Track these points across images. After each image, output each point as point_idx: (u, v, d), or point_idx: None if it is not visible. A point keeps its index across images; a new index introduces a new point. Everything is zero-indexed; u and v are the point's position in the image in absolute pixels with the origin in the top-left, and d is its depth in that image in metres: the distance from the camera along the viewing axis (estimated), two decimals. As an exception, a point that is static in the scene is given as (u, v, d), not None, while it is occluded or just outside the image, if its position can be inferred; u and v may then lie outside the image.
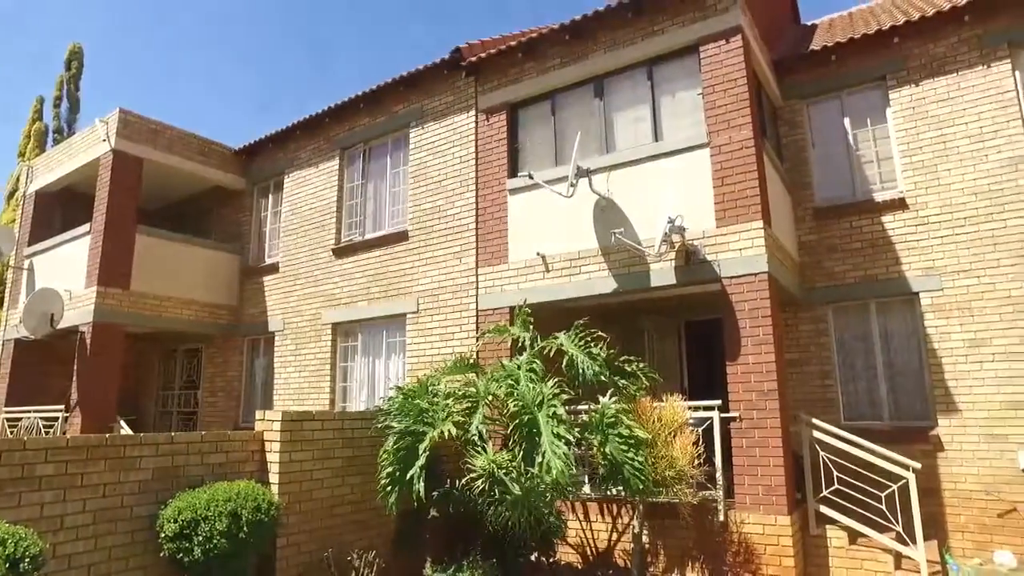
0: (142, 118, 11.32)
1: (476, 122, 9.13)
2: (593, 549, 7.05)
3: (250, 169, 12.53)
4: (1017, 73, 7.84)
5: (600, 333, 6.16)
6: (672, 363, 9.44)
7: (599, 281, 7.48)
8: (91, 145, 11.37)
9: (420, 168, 9.71)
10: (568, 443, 5.16)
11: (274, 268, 11.53)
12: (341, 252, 10.46)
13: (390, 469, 5.45)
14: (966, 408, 7.56)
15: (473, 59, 9.07)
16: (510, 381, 5.71)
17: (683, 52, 7.61)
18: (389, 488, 5.42)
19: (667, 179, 7.15)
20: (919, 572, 6.02)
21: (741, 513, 6.40)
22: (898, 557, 6.22)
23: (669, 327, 9.56)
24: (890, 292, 8.17)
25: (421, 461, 5.33)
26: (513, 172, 8.59)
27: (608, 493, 6.44)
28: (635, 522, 6.44)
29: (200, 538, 4.48)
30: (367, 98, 10.35)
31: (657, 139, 7.57)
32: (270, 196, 12.25)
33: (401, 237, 9.69)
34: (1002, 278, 7.52)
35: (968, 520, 7.41)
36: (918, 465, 6.30)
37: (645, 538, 6.64)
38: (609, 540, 6.94)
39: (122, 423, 10.27)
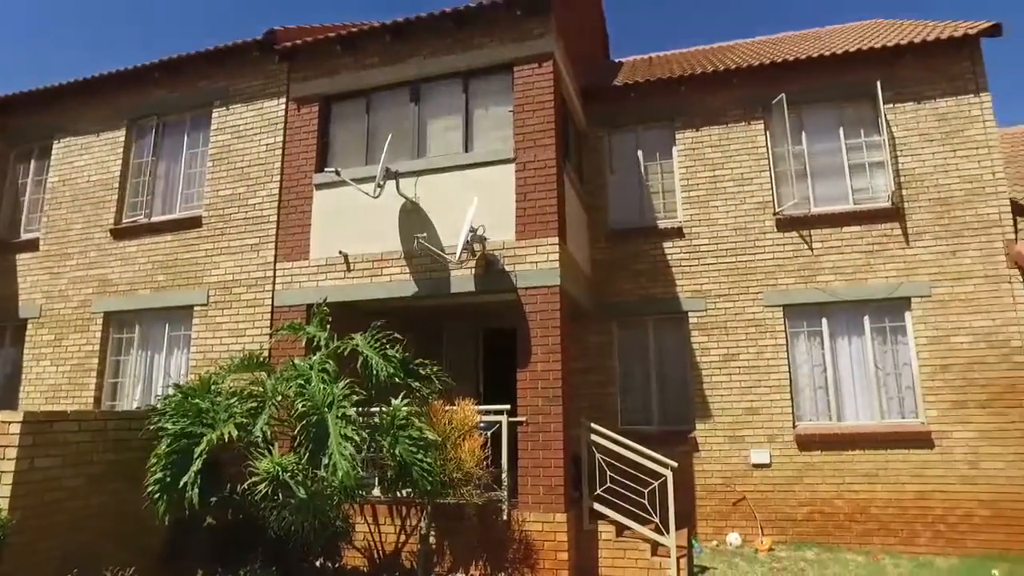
0: None
1: (286, 110, 8.73)
2: (381, 552, 7.02)
3: (6, 129, 10.73)
4: (768, 132, 9.30)
5: (398, 335, 6.18)
6: (469, 368, 9.74)
7: (401, 284, 7.51)
8: None
9: (222, 151, 9.05)
10: (356, 444, 5.11)
11: (32, 245, 9.97)
12: (122, 233, 9.38)
13: (160, 475, 4.99)
14: (717, 414, 8.73)
15: (288, 45, 8.67)
16: (301, 381, 5.52)
17: (499, 69, 7.91)
18: (158, 496, 4.96)
19: (473, 189, 7.37)
20: (669, 556, 6.81)
21: (524, 512, 6.76)
22: (655, 545, 6.97)
23: (468, 333, 9.85)
24: (666, 310, 9.19)
25: (196, 466, 4.95)
26: (321, 166, 8.33)
27: (398, 495, 6.47)
28: (423, 523, 6.54)
29: None
30: (164, 68, 9.41)
31: (467, 149, 7.80)
32: (32, 162, 10.58)
33: (194, 223, 8.94)
34: (750, 303, 8.87)
35: (712, 509, 8.56)
36: (675, 464, 7.15)
37: (432, 539, 6.76)
38: (397, 542, 6.96)
39: None
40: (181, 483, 4.91)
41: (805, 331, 8.84)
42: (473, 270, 7.26)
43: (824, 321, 8.78)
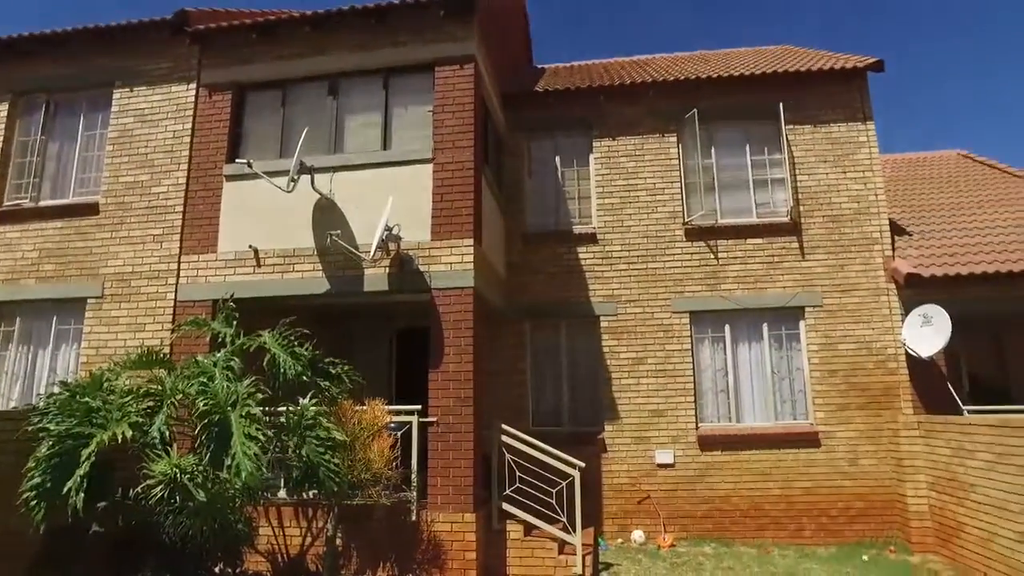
0: None
1: (197, 96, 8.35)
2: (285, 555, 6.84)
3: None
4: (680, 145, 9.71)
5: (308, 333, 6.04)
6: (382, 368, 9.64)
7: (313, 281, 7.35)
8: None
9: (124, 135, 8.55)
10: (262, 444, 4.96)
11: None
12: (4, 217, 8.69)
13: (39, 480, 4.63)
14: (625, 415, 9.03)
15: (201, 28, 8.29)
16: (203, 379, 5.30)
17: (420, 68, 7.88)
18: (36, 503, 4.61)
19: (390, 188, 7.31)
20: (575, 554, 6.99)
21: (433, 512, 6.76)
22: (562, 544, 7.13)
23: (381, 333, 9.75)
24: (578, 314, 9.41)
25: (83, 469, 4.62)
26: (233, 157, 8.02)
27: (304, 497, 6.32)
28: (330, 525, 6.42)
29: None
30: (53, 41, 8.74)
31: (386, 147, 7.72)
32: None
33: (91, 209, 8.39)
34: (658, 308, 9.23)
35: (618, 508, 8.84)
36: (583, 465, 7.35)
37: (339, 541, 6.64)
38: (303, 545, 6.81)
39: None
40: (65, 488, 4.59)
41: (709, 337, 9.28)
42: (387, 269, 7.20)
43: (727, 327, 9.25)
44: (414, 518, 6.72)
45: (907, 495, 8.21)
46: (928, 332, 8.48)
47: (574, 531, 7.09)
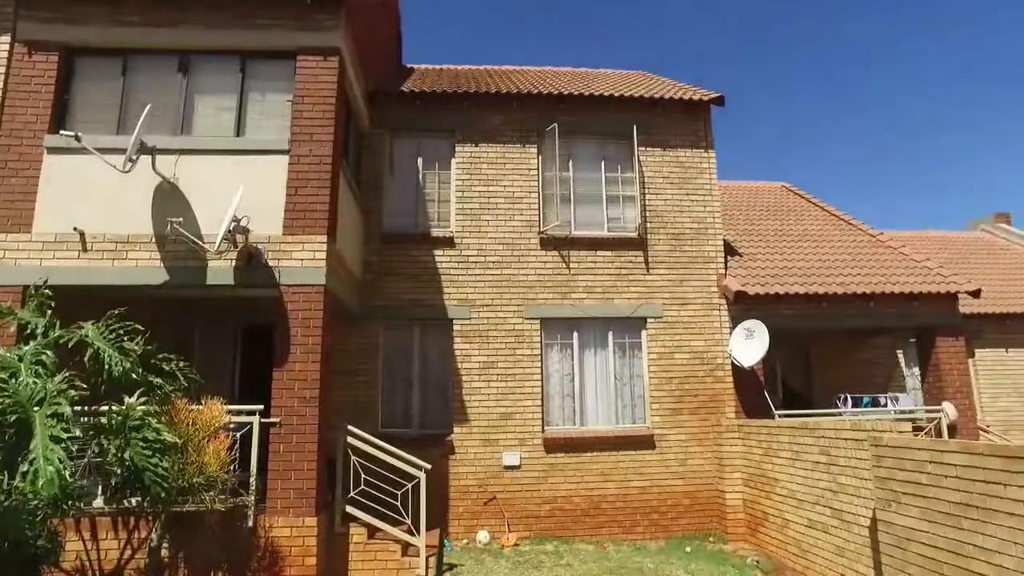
0: None
1: (11, 53, 7.38)
2: (98, 571, 6.25)
3: None
4: (540, 156, 10.08)
5: (138, 326, 5.56)
6: (225, 366, 9.10)
7: (149, 271, 6.78)
8: None
9: (-84, 91, 7.41)
10: (71, 448, 4.50)
11: None
12: None
13: None
14: (474, 418, 9.18)
15: (19, -23, 7.37)
16: (3, 375, 4.72)
17: (281, 55, 7.53)
18: None
19: (242, 177, 6.92)
20: (419, 556, 7.01)
21: (272, 517, 6.49)
22: (406, 545, 7.13)
23: (227, 328, 9.21)
24: (432, 316, 9.44)
25: None
26: (58, 128, 7.21)
27: (126, 505, 5.81)
28: (154, 535, 5.96)
29: None
30: None
31: (239, 134, 7.31)
32: None
33: None
34: (510, 313, 9.49)
35: (464, 509, 8.96)
36: (429, 467, 7.40)
37: (165, 551, 6.19)
38: (120, 559, 6.25)
39: None
40: None
41: (558, 343, 9.68)
42: (234, 263, 6.80)
43: (575, 335, 9.69)
44: (251, 524, 6.41)
45: (726, 491, 9.06)
46: (751, 344, 9.40)
47: (419, 533, 7.11)
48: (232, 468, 6.03)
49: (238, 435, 6.36)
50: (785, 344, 12.10)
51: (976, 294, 10.51)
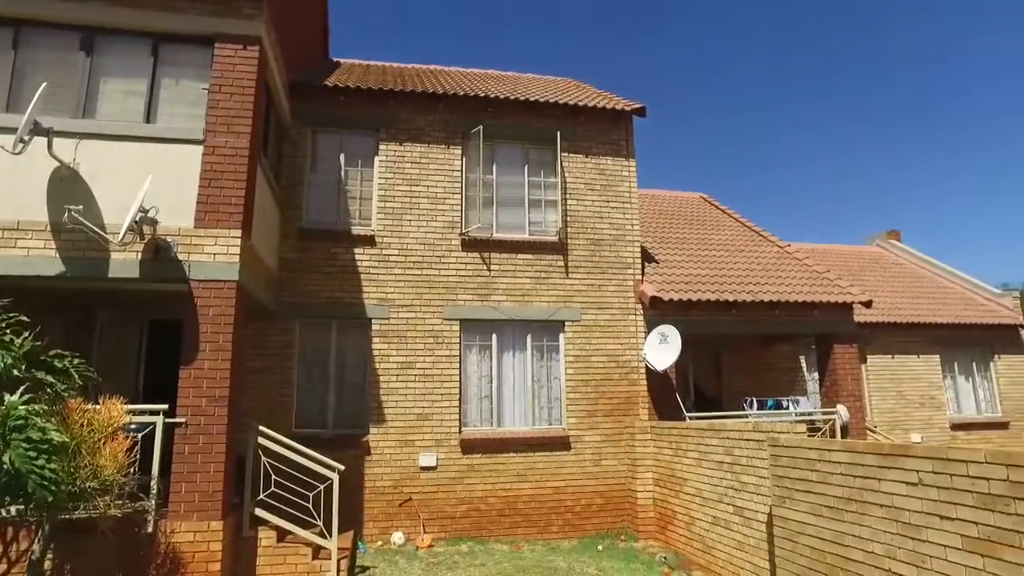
0: None
1: None
2: (-31, 588, 5.82)
3: None
4: (464, 158, 10.10)
5: (24, 318, 5.20)
6: (129, 363, 8.62)
7: (42, 261, 6.33)
8: None
9: None
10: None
11: None
12: None
13: None
14: (391, 419, 9.10)
15: None
16: None
17: (198, 41, 7.22)
18: None
19: (151, 166, 6.59)
20: (330, 559, 6.89)
21: (174, 522, 6.21)
22: (317, 548, 6.98)
23: (130, 324, 8.72)
24: (351, 315, 9.30)
25: None
26: (-63, 103, 6.66)
27: (5, 514, 5.42)
28: (36, 546, 5.57)
29: None
30: None
31: (150, 120, 6.96)
32: None
33: None
34: (430, 314, 9.47)
35: (379, 511, 8.87)
36: (342, 467, 7.28)
37: (49, 563, 5.82)
38: (-6, 574, 5.83)
39: None
40: None
41: (477, 344, 9.72)
42: (139, 255, 6.48)
43: (494, 336, 9.77)
44: (150, 530, 6.12)
45: (637, 491, 9.35)
46: (664, 348, 9.74)
47: (331, 535, 6.98)
48: (132, 471, 5.72)
49: (139, 436, 6.05)
50: (698, 349, 12.62)
51: (868, 304, 11.29)
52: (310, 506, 7.04)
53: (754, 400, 11.57)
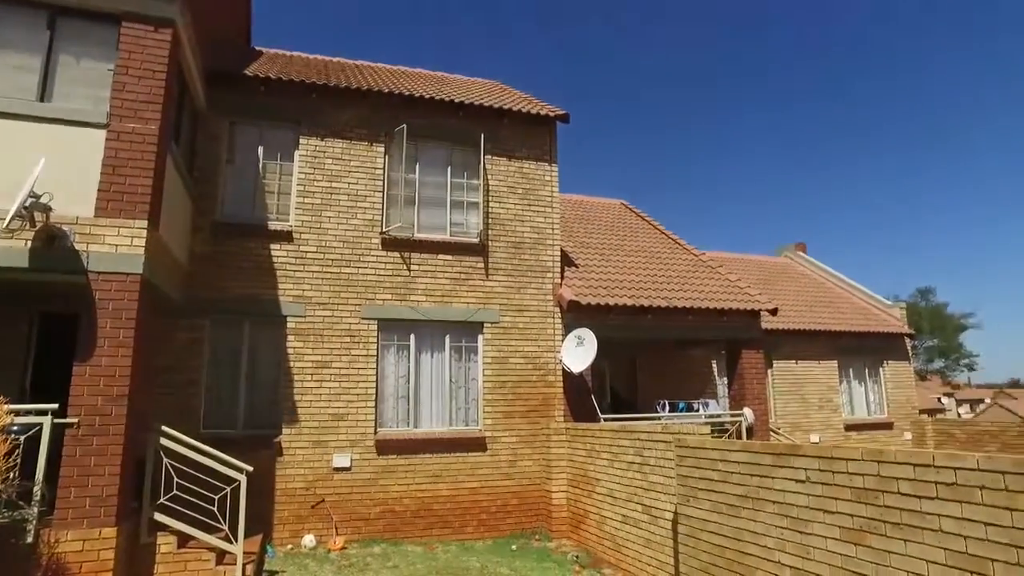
0: None
1: None
2: None
3: None
4: (387, 156, 10.00)
5: None
6: (16, 359, 8.01)
7: (-85, 247, 5.85)
8: None
9: None
10: None
11: None
12: None
13: None
14: (305, 419, 8.88)
15: None
16: None
17: (102, 18, 6.80)
18: None
19: (45, 148, 6.15)
20: (236, 564, 6.66)
21: (59, 530, 5.80)
22: (222, 554, 6.73)
23: (17, 317, 8.12)
24: (265, 312, 9.01)
25: None
26: None
27: None
28: None
29: None
30: None
31: (44, 99, 6.52)
32: None
33: None
34: (348, 313, 9.32)
35: (290, 513, 8.63)
36: (250, 469, 7.04)
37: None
38: None
39: None
40: None
41: (395, 344, 9.63)
42: (30, 243, 6.05)
43: (413, 337, 9.70)
44: (30, 540, 5.68)
45: (552, 491, 9.50)
46: (581, 351, 9.95)
47: (237, 539, 6.75)
48: (12, 476, 5.34)
49: (22, 438, 5.65)
50: (614, 352, 12.94)
51: (774, 312, 11.92)
52: (215, 509, 6.77)
53: (667, 402, 11.98)
